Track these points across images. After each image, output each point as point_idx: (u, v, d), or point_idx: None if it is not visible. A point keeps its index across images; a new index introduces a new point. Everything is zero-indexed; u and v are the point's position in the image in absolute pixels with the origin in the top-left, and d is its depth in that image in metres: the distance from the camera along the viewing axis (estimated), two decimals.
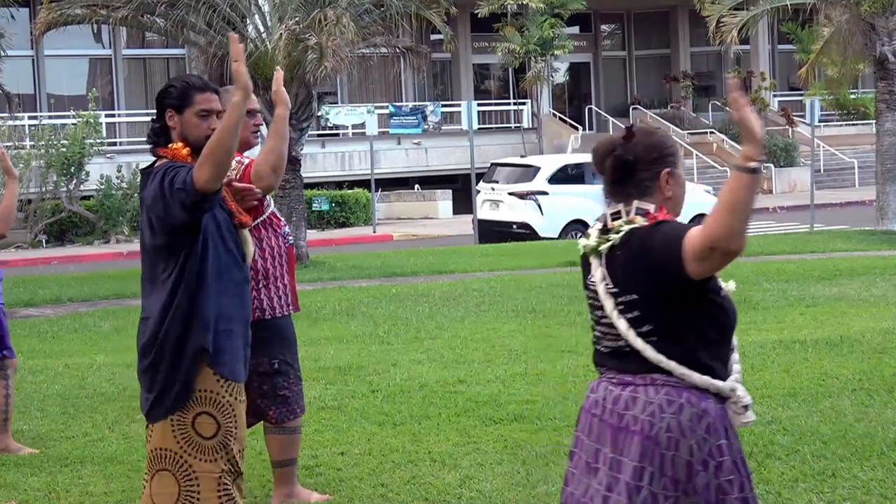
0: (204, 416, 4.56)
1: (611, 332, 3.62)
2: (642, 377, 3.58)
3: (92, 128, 29.23)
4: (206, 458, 4.56)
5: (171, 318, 4.53)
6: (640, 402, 3.55)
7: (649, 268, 3.52)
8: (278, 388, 6.02)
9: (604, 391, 3.64)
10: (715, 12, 25.52)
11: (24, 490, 6.61)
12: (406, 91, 39.51)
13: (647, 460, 3.51)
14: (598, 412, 3.63)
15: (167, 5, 19.50)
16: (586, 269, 3.72)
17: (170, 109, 4.62)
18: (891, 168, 24.01)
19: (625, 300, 3.57)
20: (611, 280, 3.60)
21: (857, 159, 39.57)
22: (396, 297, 14.06)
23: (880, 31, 23.91)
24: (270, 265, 5.95)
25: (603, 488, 3.57)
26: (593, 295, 3.67)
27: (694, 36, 44.29)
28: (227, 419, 4.60)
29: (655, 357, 3.54)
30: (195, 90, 4.62)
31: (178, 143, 4.61)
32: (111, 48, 36.29)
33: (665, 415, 3.53)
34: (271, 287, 5.95)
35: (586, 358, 9.69)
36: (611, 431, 3.59)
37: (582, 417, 3.70)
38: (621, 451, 3.56)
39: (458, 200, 34.06)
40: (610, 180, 3.67)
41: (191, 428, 4.56)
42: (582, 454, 3.67)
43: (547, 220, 23.80)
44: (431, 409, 8.09)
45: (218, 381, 4.59)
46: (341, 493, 6.28)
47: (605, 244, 3.61)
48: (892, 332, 10.43)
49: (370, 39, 21.19)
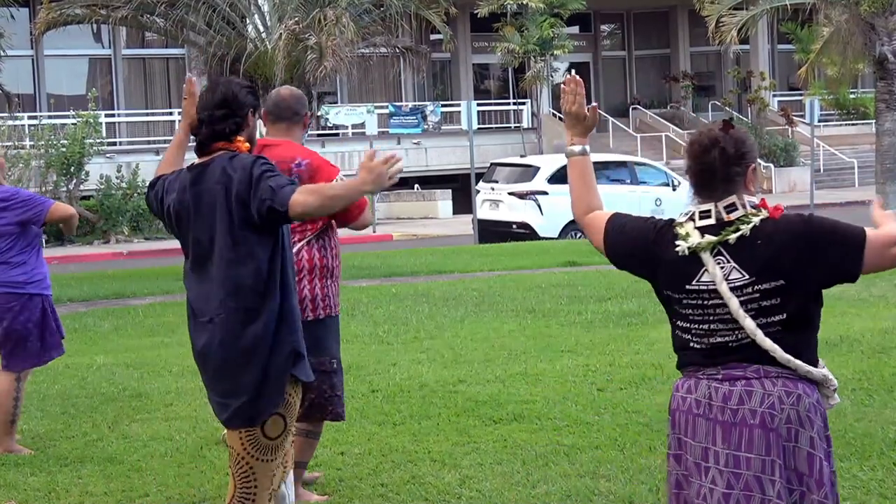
0: (276, 416, 4.58)
1: (724, 327, 3.60)
2: (755, 370, 3.58)
3: (92, 128, 29.23)
4: (266, 458, 4.60)
5: (268, 318, 4.49)
6: (756, 396, 3.55)
7: (813, 258, 3.56)
8: (336, 389, 6.05)
9: (706, 389, 3.61)
10: (715, 12, 25.53)
11: (24, 490, 6.61)
12: (406, 91, 39.52)
13: (773, 453, 3.52)
14: (702, 411, 3.61)
15: (167, 5, 19.50)
16: (687, 268, 3.64)
17: (251, 108, 4.70)
18: (890, 168, 24.02)
19: (763, 288, 3.56)
20: (743, 271, 3.58)
21: (857, 159, 39.57)
22: (396, 297, 14.06)
23: (880, 30, 23.91)
24: (335, 263, 6.04)
25: (720, 487, 3.56)
26: (704, 292, 3.61)
27: (694, 36, 44.28)
28: (291, 419, 4.65)
29: (779, 352, 3.57)
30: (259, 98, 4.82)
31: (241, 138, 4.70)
32: (111, 48, 36.30)
33: (785, 406, 3.54)
34: (335, 286, 6.03)
35: (586, 358, 9.71)
36: (723, 428, 3.57)
37: (679, 419, 3.68)
38: (739, 447, 3.54)
39: (458, 200, 34.07)
40: (711, 174, 3.65)
41: (260, 431, 4.58)
42: (688, 456, 3.64)
43: (547, 220, 23.79)
44: (431, 408, 8.09)
45: (292, 382, 4.61)
46: (341, 493, 6.28)
47: (731, 235, 3.59)
48: (892, 332, 10.44)
49: (370, 39, 21.20)
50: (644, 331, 11.02)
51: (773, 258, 3.56)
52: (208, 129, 4.65)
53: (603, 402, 8.10)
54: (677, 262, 3.65)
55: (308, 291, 5.92)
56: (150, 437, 7.62)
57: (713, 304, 3.60)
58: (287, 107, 6.17)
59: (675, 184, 25.16)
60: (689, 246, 3.63)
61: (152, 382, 9.44)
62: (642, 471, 6.44)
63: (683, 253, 3.63)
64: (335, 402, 6.05)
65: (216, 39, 19.62)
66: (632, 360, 9.54)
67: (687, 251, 3.63)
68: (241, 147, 4.65)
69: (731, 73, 43.90)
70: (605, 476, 6.38)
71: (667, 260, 3.68)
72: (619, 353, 9.91)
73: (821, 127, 37.51)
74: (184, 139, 4.95)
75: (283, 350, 4.52)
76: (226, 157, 4.59)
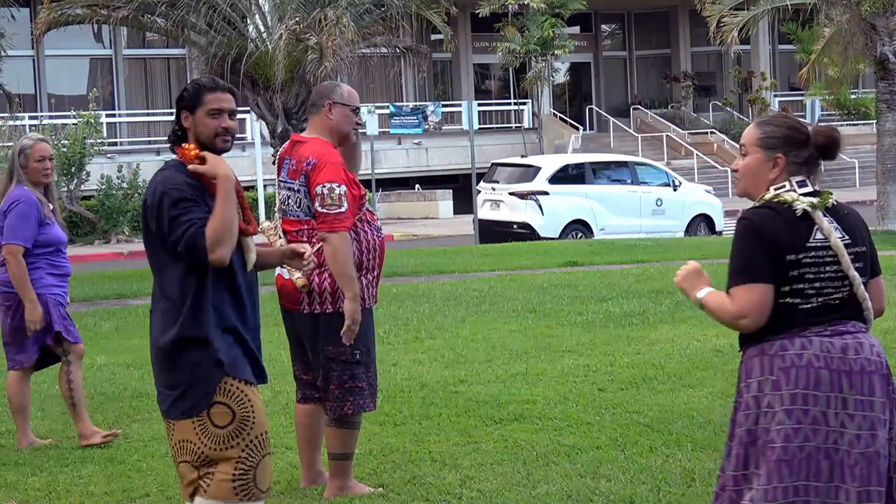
0: (219, 405, 4.62)
1: (832, 285, 4.03)
2: (853, 325, 4.05)
3: (92, 128, 29.22)
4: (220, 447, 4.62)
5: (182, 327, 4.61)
6: (865, 346, 4.01)
7: (871, 241, 4.18)
8: (357, 380, 6.08)
9: (821, 344, 3.98)
10: (715, 12, 25.53)
11: (25, 490, 6.61)
12: (406, 91, 39.52)
13: (887, 396, 4.00)
14: (823, 364, 3.96)
15: (167, 5, 19.50)
16: (802, 230, 4.02)
17: (184, 111, 4.70)
18: (891, 168, 24.01)
19: (855, 251, 4.07)
20: (843, 232, 4.07)
21: (858, 159, 39.54)
22: (396, 297, 14.05)
23: (881, 31, 23.91)
24: (365, 258, 6.10)
25: (851, 429, 3.94)
26: (820, 249, 4.01)
27: (694, 36, 44.28)
28: (244, 408, 4.65)
29: (868, 304, 4.09)
30: (206, 90, 4.69)
31: (191, 143, 4.67)
32: (111, 48, 36.30)
33: (882, 356, 4.05)
34: (362, 279, 6.06)
35: (587, 358, 9.71)
36: (848, 377, 3.96)
37: (800, 375, 3.96)
38: (862, 391, 3.96)
39: (459, 200, 34.06)
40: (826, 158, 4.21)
41: (207, 418, 4.63)
42: (811, 408, 3.94)
43: (547, 220, 23.78)
44: (432, 409, 8.08)
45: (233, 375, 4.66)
46: (342, 494, 6.27)
47: (831, 199, 4.12)
48: (892, 332, 10.43)
49: (370, 39, 21.20)
50: (645, 331, 11.02)
51: (857, 227, 4.13)
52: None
53: (603, 402, 8.10)
54: (795, 223, 4.04)
55: (328, 285, 6.02)
56: (150, 437, 7.62)
57: (826, 260, 4.01)
58: (311, 100, 6.36)
59: (676, 184, 25.14)
60: (811, 203, 4.05)
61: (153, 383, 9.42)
62: (643, 471, 6.44)
63: (803, 211, 4.03)
64: (356, 393, 6.09)
65: (217, 39, 19.63)
66: (632, 361, 9.53)
67: (807, 209, 4.03)
68: (184, 155, 4.62)
69: (732, 73, 43.92)
70: (606, 476, 6.38)
71: (790, 226, 4.04)
72: (620, 353, 9.90)
73: None
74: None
75: (203, 359, 4.59)
76: (167, 183, 4.62)
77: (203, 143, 4.66)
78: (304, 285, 6.01)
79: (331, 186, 5.93)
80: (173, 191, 4.56)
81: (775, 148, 4.12)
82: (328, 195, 5.92)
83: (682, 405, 7.91)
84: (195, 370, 4.60)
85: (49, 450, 7.44)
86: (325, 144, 6.13)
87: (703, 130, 41.35)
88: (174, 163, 4.69)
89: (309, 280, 6.01)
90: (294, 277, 6.04)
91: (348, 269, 5.92)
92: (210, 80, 4.78)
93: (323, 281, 6.02)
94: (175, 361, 4.64)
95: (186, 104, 4.69)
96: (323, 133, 6.19)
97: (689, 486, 6.17)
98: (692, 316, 11.26)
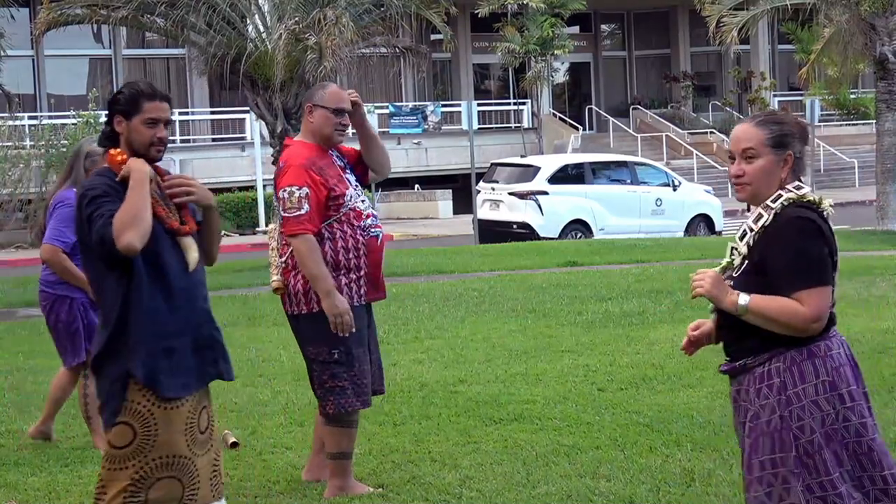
0: (122, 426, 4.55)
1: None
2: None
3: (92, 128, 29.19)
4: (114, 467, 4.56)
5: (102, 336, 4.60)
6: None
7: None
8: (338, 379, 6.09)
9: (841, 343, 4.03)
10: (715, 12, 25.53)
11: (25, 490, 6.61)
12: (406, 91, 39.51)
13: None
14: (847, 360, 4.03)
15: (167, 5, 19.49)
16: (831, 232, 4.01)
17: (118, 115, 4.60)
18: (891, 168, 24.01)
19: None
20: None
21: (858, 159, 39.55)
22: (396, 297, 14.05)
23: (880, 31, 23.91)
24: (343, 257, 6.09)
25: (869, 418, 4.04)
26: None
27: (694, 36, 44.29)
28: (146, 429, 4.57)
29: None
30: (145, 98, 4.59)
31: (120, 148, 4.60)
32: (111, 48, 36.30)
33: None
34: (341, 277, 6.07)
35: (586, 358, 9.71)
36: (857, 371, 4.06)
37: (844, 373, 3.98)
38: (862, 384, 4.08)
39: (458, 200, 34.06)
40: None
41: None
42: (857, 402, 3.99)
43: (547, 220, 23.78)
44: (432, 409, 8.09)
45: (143, 392, 4.57)
46: (341, 494, 6.27)
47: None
48: (892, 332, 10.43)
49: (370, 39, 21.19)
50: (644, 331, 11.02)
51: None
52: None
53: (603, 402, 8.10)
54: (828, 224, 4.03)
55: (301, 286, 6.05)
56: None
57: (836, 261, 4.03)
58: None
59: (676, 184, 25.14)
60: (830, 203, 4.02)
61: None
62: (643, 471, 6.44)
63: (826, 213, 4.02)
64: (336, 392, 6.09)
65: (216, 39, 19.61)
66: (632, 361, 9.53)
67: (830, 210, 4.02)
68: (112, 161, 4.58)
69: (732, 73, 43.93)
70: (606, 476, 6.38)
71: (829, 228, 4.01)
72: (620, 353, 9.90)
73: (821, 127, 37.51)
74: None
75: (120, 373, 4.55)
76: (88, 186, 4.60)
77: (136, 150, 4.59)
78: (277, 288, 6.13)
79: (290, 190, 5.99)
80: (90, 191, 4.52)
81: (786, 146, 4.00)
82: (288, 199, 5.99)
83: (681, 405, 7.91)
84: (113, 385, 4.56)
85: (49, 450, 7.44)
86: (302, 147, 6.19)
87: (703, 130, 41.35)
88: (101, 170, 4.64)
89: (284, 283, 6.09)
90: (271, 280, 6.16)
91: (314, 269, 5.96)
92: (149, 86, 4.67)
93: (297, 283, 6.08)
94: (100, 375, 4.63)
95: (122, 109, 4.59)
96: (307, 136, 6.25)
97: (689, 486, 6.17)
98: (692, 316, 11.20)
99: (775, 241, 3.91)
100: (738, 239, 4.06)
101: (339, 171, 6.19)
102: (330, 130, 6.18)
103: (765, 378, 3.96)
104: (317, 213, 6.01)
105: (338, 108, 6.16)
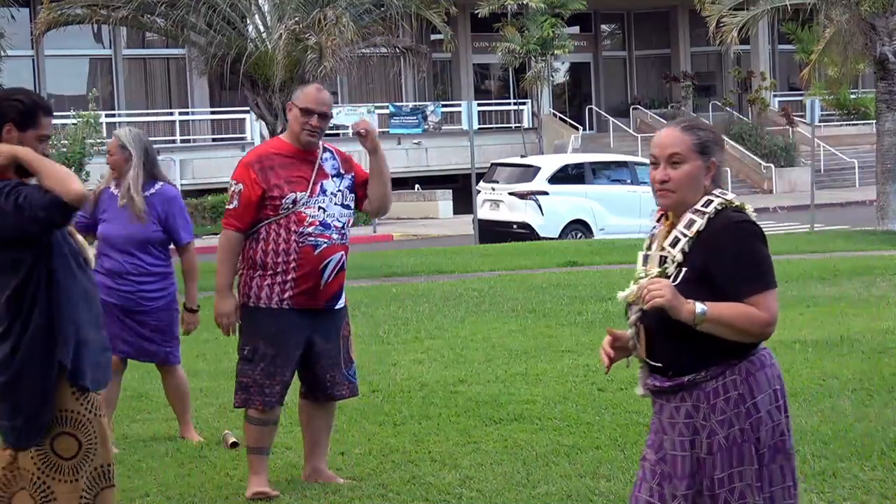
0: (64, 436, 4.40)
1: None
2: None
3: (92, 128, 29.20)
4: (66, 479, 4.40)
5: (31, 336, 4.33)
6: None
7: None
8: (242, 375, 6.24)
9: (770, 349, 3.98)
10: (715, 12, 25.54)
11: None
12: (406, 91, 39.52)
13: None
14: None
15: (167, 5, 19.51)
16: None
17: (10, 123, 4.34)
18: (891, 168, 24.01)
19: None
20: None
21: (858, 159, 39.55)
22: (396, 297, 14.06)
23: (881, 31, 23.91)
24: (271, 259, 6.11)
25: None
26: None
27: (694, 36, 44.28)
28: (88, 436, 4.44)
29: None
30: (44, 113, 4.40)
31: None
32: (111, 48, 36.30)
33: None
34: (266, 278, 6.12)
35: (586, 358, 9.70)
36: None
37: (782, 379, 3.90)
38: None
39: (459, 200, 34.05)
40: None
41: (49, 449, 4.39)
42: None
43: (547, 220, 23.79)
44: (432, 409, 8.08)
45: (77, 398, 4.41)
46: (342, 494, 6.27)
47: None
48: (892, 332, 10.44)
49: (370, 39, 21.21)
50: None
51: None
52: None
53: (603, 402, 8.10)
54: None
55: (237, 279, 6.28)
56: (150, 437, 7.62)
57: None
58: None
59: None
60: (753, 209, 3.96)
61: (152, 382, 9.42)
62: None
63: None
64: (241, 388, 6.24)
65: (216, 39, 19.63)
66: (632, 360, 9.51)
67: (754, 217, 3.94)
68: None
69: (732, 73, 43.91)
70: (606, 476, 6.38)
71: None
72: None
73: (821, 127, 37.47)
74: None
75: (44, 369, 4.34)
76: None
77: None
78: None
79: (231, 184, 6.16)
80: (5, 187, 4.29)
81: (710, 153, 3.89)
82: (229, 192, 6.16)
83: None
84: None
85: None
86: (270, 144, 6.38)
87: None
88: None
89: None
90: None
91: (219, 264, 6.16)
92: (45, 102, 4.50)
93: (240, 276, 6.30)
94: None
95: (17, 119, 4.33)
96: (286, 133, 6.34)
97: None
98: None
99: (720, 246, 3.76)
100: (668, 246, 3.89)
101: (302, 174, 6.14)
102: (298, 129, 6.16)
103: (720, 392, 3.79)
104: (245, 211, 6.10)
105: (305, 108, 6.12)
